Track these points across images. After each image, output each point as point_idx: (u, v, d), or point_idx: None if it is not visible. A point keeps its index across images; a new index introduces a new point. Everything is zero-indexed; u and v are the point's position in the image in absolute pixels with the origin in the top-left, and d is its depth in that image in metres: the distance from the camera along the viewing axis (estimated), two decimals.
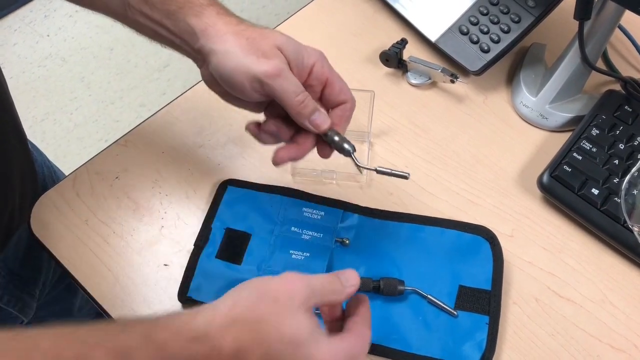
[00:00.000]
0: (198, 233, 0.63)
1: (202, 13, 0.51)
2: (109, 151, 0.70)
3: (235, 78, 0.49)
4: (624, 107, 0.67)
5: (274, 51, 0.49)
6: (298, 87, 0.49)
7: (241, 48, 0.49)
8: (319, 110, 0.51)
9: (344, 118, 0.53)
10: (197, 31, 0.50)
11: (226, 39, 0.50)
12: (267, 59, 0.48)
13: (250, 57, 0.49)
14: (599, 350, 0.56)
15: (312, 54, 0.52)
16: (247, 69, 0.48)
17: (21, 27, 2.20)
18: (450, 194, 0.66)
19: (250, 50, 0.49)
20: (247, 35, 0.50)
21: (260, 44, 0.49)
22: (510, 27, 0.72)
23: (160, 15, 0.52)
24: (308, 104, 0.50)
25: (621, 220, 0.60)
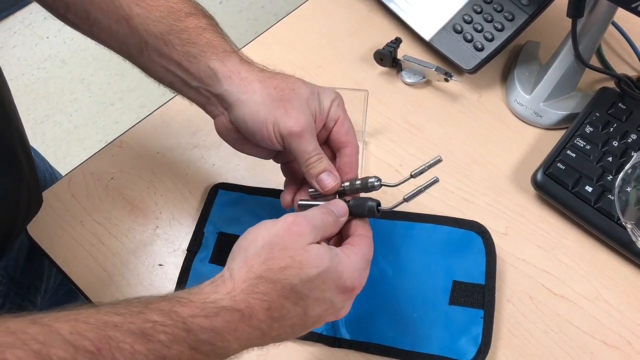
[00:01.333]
0: (191, 238, 0.63)
1: (226, 59, 0.51)
2: (104, 152, 0.70)
3: (262, 130, 0.50)
4: (617, 105, 0.67)
5: (302, 107, 0.49)
6: (314, 149, 0.50)
7: (271, 99, 0.49)
8: (329, 171, 0.51)
9: (352, 164, 0.53)
10: (220, 77, 0.50)
11: (253, 88, 0.50)
12: (295, 116, 0.49)
13: (279, 110, 0.49)
14: (593, 347, 0.56)
15: (329, 95, 0.53)
16: (275, 122, 0.49)
17: (20, 29, 2.20)
18: (445, 192, 0.66)
19: (279, 103, 0.49)
20: (275, 85, 0.50)
21: (289, 95, 0.49)
22: (504, 25, 0.72)
23: (180, 56, 0.51)
24: (317, 166, 0.50)
25: (615, 217, 0.60)
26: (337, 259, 0.43)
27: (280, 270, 0.40)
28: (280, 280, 0.40)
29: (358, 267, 0.45)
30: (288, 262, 0.41)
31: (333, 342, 0.56)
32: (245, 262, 0.41)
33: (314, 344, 0.57)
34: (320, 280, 0.42)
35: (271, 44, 0.80)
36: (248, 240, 0.43)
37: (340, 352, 0.56)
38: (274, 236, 0.42)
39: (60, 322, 0.34)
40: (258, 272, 0.40)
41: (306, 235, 0.43)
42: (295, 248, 0.41)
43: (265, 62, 0.77)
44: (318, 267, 0.41)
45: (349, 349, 0.56)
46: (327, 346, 0.57)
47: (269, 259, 0.41)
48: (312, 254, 0.42)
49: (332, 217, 0.46)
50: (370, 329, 0.57)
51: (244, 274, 0.40)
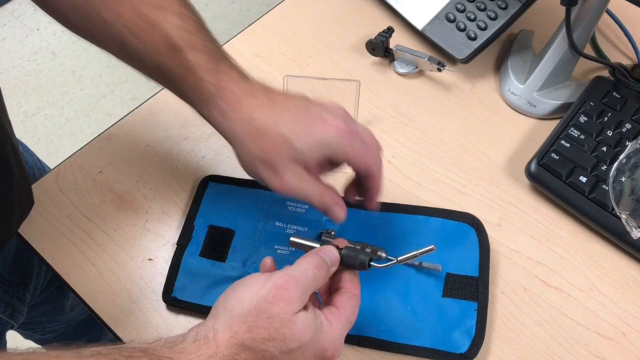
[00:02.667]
0: (180, 232, 0.62)
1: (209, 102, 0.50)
2: (92, 145, 0.69)
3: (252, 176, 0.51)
4: (612, 94, 0.66)
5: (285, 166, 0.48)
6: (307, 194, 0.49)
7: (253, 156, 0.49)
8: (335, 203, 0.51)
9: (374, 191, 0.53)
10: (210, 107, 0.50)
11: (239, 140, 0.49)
12: (278, 176, 0.48)
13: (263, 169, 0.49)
14: (587, 338, 0.56)
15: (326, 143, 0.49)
16: (261, 179, 0.49)
17: (10, 22, 2.18)
18: (438, 183, 0.66)
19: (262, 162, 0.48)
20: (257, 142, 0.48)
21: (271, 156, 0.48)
22: (497, 13, 0.71)
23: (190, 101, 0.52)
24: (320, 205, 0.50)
25: (609, 207, 0.60)
26: (320, 330, 0.43)
27: (263, 341, 0.40)
28: (262, 350, 0.40)
29: (339, 335, 0.44)
30: (272, 333, 0.40)
31: None
32: (230, 326, 0.41)
33: None
34: (300, 352, 0.42)
35: (262, 34, 0.78)
36: (235, 299, 0.42)
37: None
38: (262, 301, 0.41)
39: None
40: (241, 339, 0.40)
41: (294, 303, 0.42)
42: (281, 319, 0.41)
43: (256, 53, 0.77)
44: (300, 340, 0.41)
45: None
46: None
47: (254, 327, 0.40)
48: (297, 326, 0.41)
49: (323, 271, 0.45)
50: (363, 322, 0.56)
51: (227, 339, 0.40)
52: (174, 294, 0.58)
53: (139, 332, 0.58)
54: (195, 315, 0.58)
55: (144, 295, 0.59)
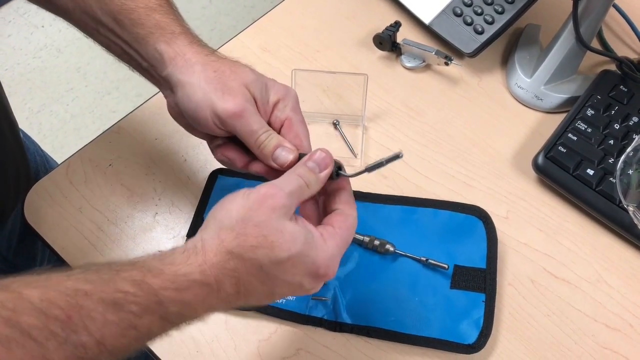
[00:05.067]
0: (190, 224, 0.62)
1: (172, 41, 0.50)
2: (102, 138, 0.70)
3: (198, 113, 0.48)
4: (619, 87, 0.67)
5: (240, 89, 0.48)
6: (260, 127, 0.48)
7: (207, 81, 0.48)
8: (282, 145, 0.48)
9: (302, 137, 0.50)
10: (165, 58, 0.49)
11: (194, 71, 0.48)
12: (232, 97, 0.47)
13: (216, 92, 0.47)
14: (595, 329, 0.56)
15: (279, 90, 0.50)
16: (211, 105, 0.47)
17: (15, 19, 2.18)
18: (445, 176, 0.66)
19: (216, 85, 0.48)
20: (216, 68, 0.49)
21: (228, 78, 0.48)
22: (504, 7, 0.72)
23: (131, 37, 0.51)
24: (267, 144, 0.48)
25: (616, 200, 0.60)
26: (312, 244, 0.42)
27: (251, 248, 0.40)
28: (251, 259, 0.40)
29: (333, 253, 0.43)
30: (260, 241, 0.40)
31: (334, 326, 0.56)
32: (218, 234, 0.40)
33: (315, 328, 0.57)
34: (290, 263, 0.41)
35: (269, 29, 0.79)
36: (223, 210, 0.41)
37: (342, 337, 0.56)
38: (248, 210, 0.41)
39: (30, 289, 0.33)
40: (229, 247, 0.40)
41: (280, 209, 0.41)
42: (268, 226, 0.40)
43: (263, 47, 0.77)
44: (289, 250, 0.40)
45: (350, 333, 0.56)
46: (328, 330, 0.56)
47: (241, 234, 0.40)
48: (286, 235, 0.40)
49: (311, 177, 0.44)
50: (372, 313, 0.57)
51: (215, 247, 0.40)
52: None
53: None
54: None
55: None
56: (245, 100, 0.47)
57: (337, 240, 0.43)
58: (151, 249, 0.62)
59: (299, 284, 0.42)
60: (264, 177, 0.63)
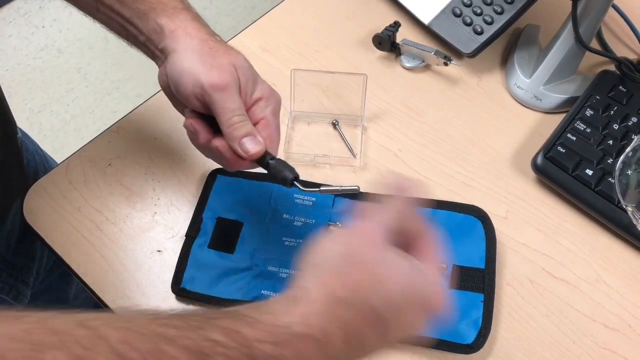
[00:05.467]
0: (189, 224, 0.62)
1: (175, 15, 0.51)
2: (101, 138, 0.70)
3: (182, 79, 0.48)
4: (618, 88, 0.67)
5: (229, 67, 0.48)
6: (238, 108, 0.48)
7: (200, 54, 0.49)
8: (253, 135, 0.48)
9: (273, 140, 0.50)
10: (166, 31, 0.50)
11: (190, 42, 0.50)
12: (219, 71, 0.48)
13: (204, 65, 0.48)
14: (593, 329, 0.56)
15: (265, 90, 0.51)
16: (196, 74, 0.48)
17: (16, 19, 2.18)
18: (444, 176, 0.66)
19: (207, 58, 0.48)
20: (211, 45, 0.50)
21: (220, 56, 0.49)
22: (503, 8, 0.72)
23: (131, 13, 0.52)
24: (239, 127, 0.47)
25: (615, 200, 0.60)
26: (419, 271, 0.38)
27: (358, 288, 0.36)
28: (360, 300, 0.35)
29: (439, 280, 0.39)
30: (366, 276, 0.36)
31: None
32: (320, 279, 0.36)
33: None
34: (403, 299, 0.36)
35: (269, 29, 0.79)
36: (319, 256, 0.38)
37: None
38: (349, 246, 0.38)
39: (110, 329, 0.30)
40: (333, 289, 0.35)
41: (382, 243, 0.38)
42: (373, 260, 0.37)
43: (263, 47, 0.77)
44: (397, 281, 0.36)
45: None
46: None
47: (344, 273, 0.36)
48: (389, 263, 0.37)
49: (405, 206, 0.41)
50: None
51: (318, 293, 0.35)
52: (182, 284, 0.59)
53: None
54: (204, 306, 0.58)
55: (153, 286, 0.60)
56: (231, 79, 0.48)
57: (435, 267, 0.40)
58: (150, 249, 0.62)
59: (413, 321, 0.38)
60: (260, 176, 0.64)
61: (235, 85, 0.48)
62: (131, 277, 0.61)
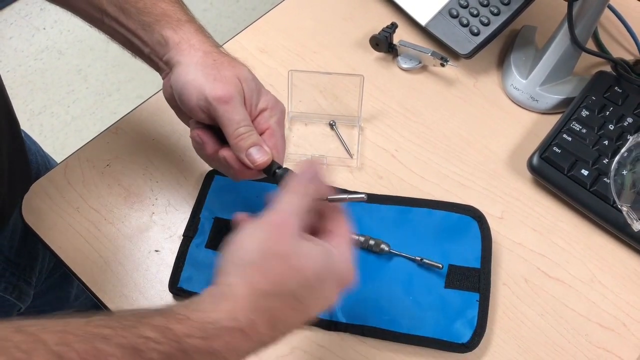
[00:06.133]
0: (187, 224, 0.63)
1: (179, 27, 0.52)
2: (99, 139, 0.70)
3: (186, 91, 0.49)
4: (614, 88, 0.67)
5: (233, 79, 0.49)
6: (243, 119, 0.48)
7: (204, 66, 0.49)
8: (259, 145, 0.49)
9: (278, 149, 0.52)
10: (170, 43, 0.51)
11: (194, 55, 0.50)
12: (223, 84, 0.48)
13: (208, 77, 0.48)
14: (588, 329, 0.56)
15: (269, 100, 0.51)
16: (200, 86, 0.48)
17: (17, 21, 2.19)
18: (441, 176, 0.66)
19: (211, 71, 0.49)
20: (215, 58, 0.50)
21: (224, 68, 0.49)
22: (500, 9, 0.72)
23: (136, 25, 0.52)
24: (246, 138, 0.48)
25: (610, 200, 0.60)
26: (329, 253, 0.42)
27: (280, 282, 0.39)
28: (283, 291, 0.39)
29: (349, 257, 0.43)
30: (286, 270, 0.39)
31: (329, 325, 0.57)
32: (244, 276, 0.39)
33: (309, 327, 0.57)
34: (318, 282, 0.41)
35: (267, 30, 0.79)
36: (240, 251, 0.41)
37: (336, 336, 0.57)
38: (266, 242, 0.40)
39: (47, 333, 0.32)
40: (257, 286, 0.39)
41: (294, 233, 0.41)
42: (289, 253, 0.40)
43: (261, 48, 0.77)
44: (314, 268, 0.40)
45: (345, 332, 0.57)
46: (322, 329, 0.57)
47: (267, 270, 0.39)
48: (305, 252, 0.41)
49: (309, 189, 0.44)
50: (366, 312, 0.57)
51: (244, 290, 0.38)
52: (180, 284, 0.59)
53: None
54: None
55: (151, 285, 0.60)
56: (236, 91, 0.48)
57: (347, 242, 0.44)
58: (148, 249, 0.62)
59: (329, 297, 0.42)
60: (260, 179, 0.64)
61: (239, 97, 0.49)
62: (129, 276, 0.61)
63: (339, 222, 0.45)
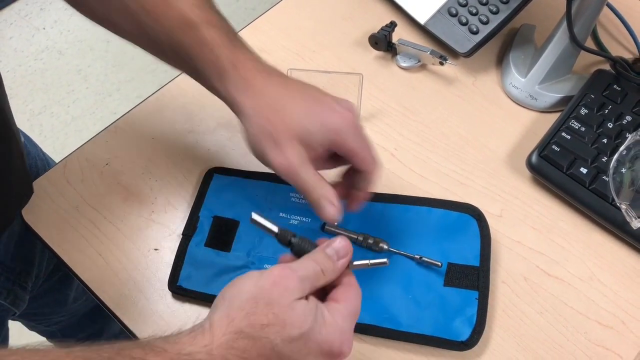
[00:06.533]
0: (186, 222, 0.63)
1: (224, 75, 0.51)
2: (99, 138, 0.70)
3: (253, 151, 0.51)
4: (613, 87, 0.67)
5: (290, 143, 0.48)
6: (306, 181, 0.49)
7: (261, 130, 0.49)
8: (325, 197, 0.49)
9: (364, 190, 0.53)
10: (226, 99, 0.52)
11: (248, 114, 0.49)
12: (281, 151, 0.48)
13: (267, 143, 0.49)
14: (587, 327, 0.56)
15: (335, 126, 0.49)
16: (264, 155, 0.49)
17: (17, 21, 2.20)
18: (440, 175, 0.66)
19: (268, 136, 0.48)
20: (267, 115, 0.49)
21: (278, 130, 0.48)
22: (498, 8, 0.72)
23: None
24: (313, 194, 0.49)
25: (609, 198, 0.60)
26: (321, 321, 0.41)
27: (261, 327, 0.38)
28: (261, 337, 0.38)
29: (344, 329, 0.42)
30: (271, 319, 0.39)
31: None
32: (228, 315, 0.39)
33: None
34: (302, 342, 0.39)
35: (266, 29, 0.79)
36: (232, 292, 0.41)
37: None
38: (260, 289, 0.40)
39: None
40: (239, 326, 0.38)
41: (293, 290, 0.40)
42: (280, 304, 0.39)
43: (260, 48, 0.76)
44: (301, 328, 0.39)
45: None
46: None
47: (251, 313, 0.39)
48: (297, 312, 0.40)
49: (328, 264, 0.44)
50: (365, 310, 0.56)
51: (224, 327, 0.38)
52: (179, 282, 0.59)
53: (145, 320, 0.58)
54: (201, 304, 0.59)
55: (150, 284, 0.60)
56: (294, 155, 0.48)
57: (344, 313, 0.42)
58: (147, 247, 0.63)
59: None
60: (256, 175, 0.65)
61: (300, 160, 0.48)
62: (128, 275, 0.61)
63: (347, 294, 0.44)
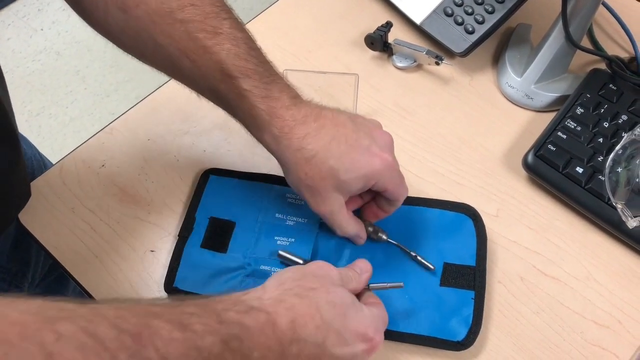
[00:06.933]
0: (182, 223, 0.63)
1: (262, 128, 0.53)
2: (95, 139, 0.70)
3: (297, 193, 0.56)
4: (608, 86, 0.67)
5: (328, 194, 0.53)
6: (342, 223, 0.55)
7: (300, 182, 0.53)
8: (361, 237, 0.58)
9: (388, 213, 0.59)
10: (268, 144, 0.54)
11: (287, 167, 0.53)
12: (321, 201, 0.53)
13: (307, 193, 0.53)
14: (584, 326, 0.56)
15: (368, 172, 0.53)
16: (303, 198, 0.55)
17: (15, 22, 2.19)
18: (436, 175, 0.66)
19: (307, 188, 0.53)
20: (307, 171, 0.52)
21: (316, 183, 0.52)
22: (494, 7, 0.72)
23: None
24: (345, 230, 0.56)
25: (605, 198, 0.60)
26: (358, 306, 0.47)
27: (309, 289, 0.45)
28: (309, 297, 0.44)
29: (378, 321, 0.48)
30: (317, 285, 0.46)
31: None
32: (279, 280, 0.46)
33: None
34: (342, 313, 0.45)
35: (262, 30, 0.79)
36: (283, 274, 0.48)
37: None
38: (307, 268, 0.48)
39: (107, 308, 0.36)
40: (289, 287, 0.45)
41: (334, 277, 0.48)
42: (325, 279, 0.47)
43: None
44: (342, 299, 0.46)
45: None
46: None
47: (300, 279, 0.46)
48: (338, 289, 0.47)
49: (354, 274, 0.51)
50: None
51: (275, 287, 0.45)
52: (175, 284, 0.59)
53: None
54: None
55: (146, 285, 0.60)
56: (332, 205, 0.54)
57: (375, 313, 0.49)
58: (143, 249, 0.62)
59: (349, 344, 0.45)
60: (252, 176, 0.65)
61: (339, 207, 0.54)
62: (124, 276, 0.61)
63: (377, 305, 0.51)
